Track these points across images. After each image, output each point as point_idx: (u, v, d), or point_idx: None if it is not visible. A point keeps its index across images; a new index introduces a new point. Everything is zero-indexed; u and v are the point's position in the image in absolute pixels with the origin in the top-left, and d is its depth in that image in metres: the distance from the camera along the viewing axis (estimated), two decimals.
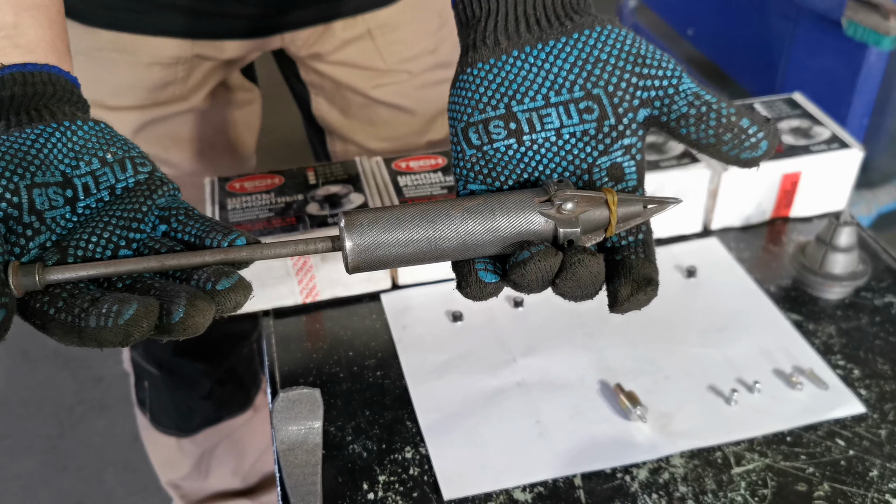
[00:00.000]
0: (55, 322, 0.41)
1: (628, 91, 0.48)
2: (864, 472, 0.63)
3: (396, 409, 0.70)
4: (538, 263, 0.44)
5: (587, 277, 0.45)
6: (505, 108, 0.49)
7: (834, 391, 0.70)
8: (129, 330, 0.40)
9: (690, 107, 0.47)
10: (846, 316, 0.77)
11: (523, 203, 0.47)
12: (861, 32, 1.66)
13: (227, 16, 0.82)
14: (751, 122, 0.47)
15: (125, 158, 0.48)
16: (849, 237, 0.78)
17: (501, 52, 0.49)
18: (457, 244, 0.46)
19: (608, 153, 0.49)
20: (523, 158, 0.49)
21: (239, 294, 0.43)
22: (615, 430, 0.67)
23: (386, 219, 0.46)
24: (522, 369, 0.73)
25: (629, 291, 0.47)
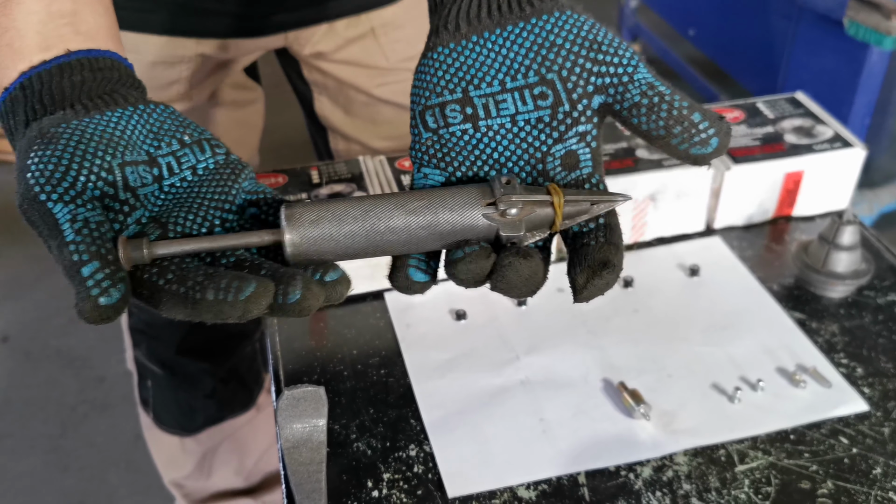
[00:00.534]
0: (165, 293, 0.42)
1: (582, 76, 0.48)
2: (867, 469, 0.63)
3: (400, 408, 0.70)
4: (469, 265, 0.45)
5: (517, 280, 0.45)
6: (462, 93, 0.49)
7: (837, 389, 0.70)
8: (248, 306, 0.41)
9: (643, 96, 0.47)
10: (849, 314, 0.77)
11: (468, 205, 0.46)
12: (863, 32, 1.66)
13: (231, 15, 0.83)
14: (702, 118, 0.47)
15: (202, 140, 0.49)
16: (852, 236, 0.79)
17: (461, 38, 0.49)
18: (398, 243, 0.47)
19: (562, 140, 0.49)
20: (478, 144, 0.49)
21: (344, 286, 0.45)
22: (619, 428, 0.67)
23: (328, 215, 0.46)
24: (526, 367, 0.73)
25: (585, 279, 0.46)
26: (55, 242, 0.42)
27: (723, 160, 0.84)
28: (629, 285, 0.81)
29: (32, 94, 0.47)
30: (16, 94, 0.47)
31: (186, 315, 0.42)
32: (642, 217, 0.84)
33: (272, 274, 0.43)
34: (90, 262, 0.41)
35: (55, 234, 0.42)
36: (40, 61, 0.47)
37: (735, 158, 0.84)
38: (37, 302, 1.96)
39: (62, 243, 0.41)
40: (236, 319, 0.42)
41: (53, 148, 0.44)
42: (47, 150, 0.44)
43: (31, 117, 0.46)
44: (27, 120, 0.46)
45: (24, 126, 0.46)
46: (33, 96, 0.47)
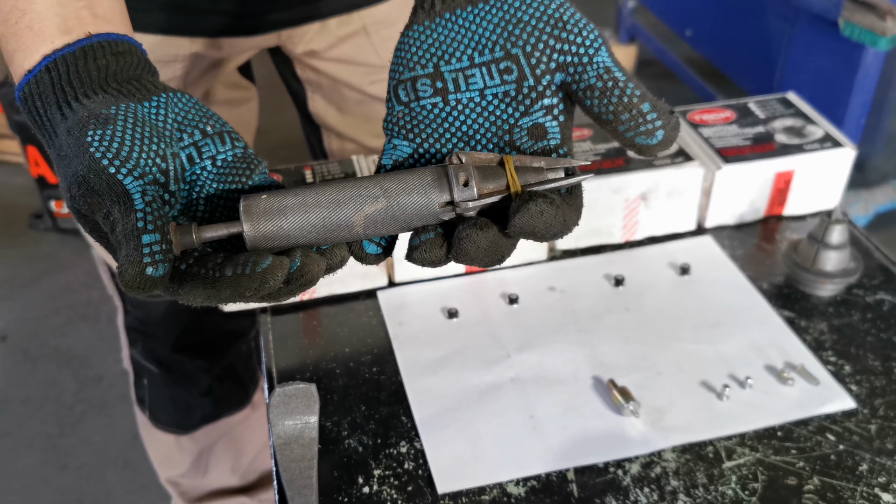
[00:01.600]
0: (186, 275, 0.44)
1: (545, 52, 0.49)
2: (853, 466, 0.64)
3: (392, 405, 0.70)
4: (424, 254, 0.47)
5: (475, 252, 0.46)
6: (433, 68, 0.51)
7: (825, 386, 0.70)
8: (265, 276, 0.43)
9: (598, 79, 0.48)
10: (838, 313, 0.78)
11: (425, 204, 0.47)
12: (858, 33, 1.66)
13: (224, 13, 0.83)
14: (651, 108, 0.47)
15: (223, 132, 0.50)
16: (840, 235, 0.79)
17: (435, 15, 0.51)
18: (355, 232, 0.48)
19: (529, 114, 0.50)
20: (448, 117, 0.51)
21: (343, 250, 0.48)
22: (608, 425, 0.68)
23: (286, 204, 0.47)
24: (517, 365, 0.74)
25: (517, 204, 0.45)
26: (121, 208, 0.43)
27: (714, 159, 0.85)
28: (620, 284, 0.81)
29: (59, 76, 0.47)
30: (41, 76, 0.47)
31: (206, 297, 0.44)
32: (634, 216, 0.85)
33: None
34: (153, 232, 0.42)
35: (124, 200, 0.43)
36: (63, 44, 0.48)
37: (726, 158, 0.85)
38: (35, 301, 1.97)
39: (130, 209, 0.43)
40: (254, 293, 0.43)
41: (113, 129, 0.45)
42: (107, 130, 0.45)
43: (62, 99, 0.47)
44: (58, 102, 0.47)
45: (56, 108, 0.47)
46: (60, 79, 0.47)
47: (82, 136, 0.45)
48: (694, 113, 0.93)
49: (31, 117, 0.48)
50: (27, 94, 0.48)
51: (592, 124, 0.91)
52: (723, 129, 0.90)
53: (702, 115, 0.92)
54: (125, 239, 0.42)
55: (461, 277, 0.83)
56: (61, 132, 0.46)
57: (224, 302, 0.45)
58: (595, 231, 0.85)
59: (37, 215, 2.17)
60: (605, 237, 0.86)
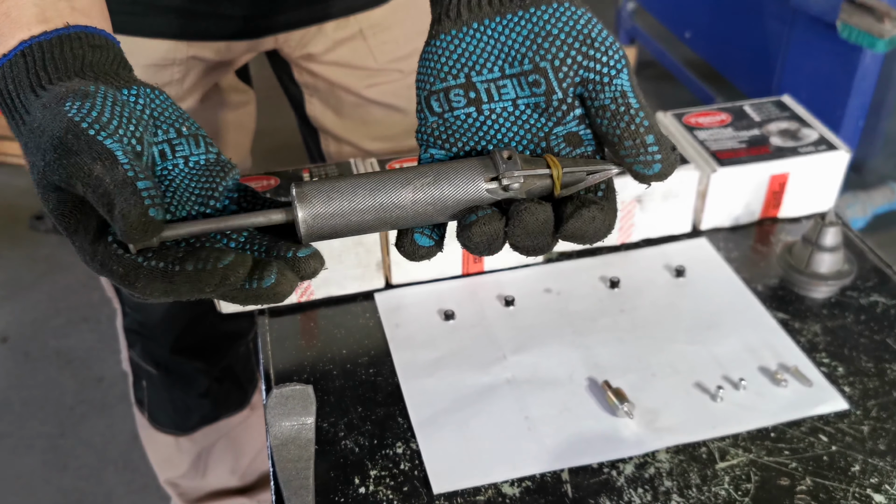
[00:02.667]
0: (142, 270, 0.43)
1: (572, 68, 0.49)
2: (846, 467, 0.64)
3: (388, 406, 0.71)
4: (482, 227, 0.46)
5: (534, 225, 0.46)
6: (465, 78, 0.51)
7: (818, 388, 0.71)
8: (227, 272, 0.42)
9: (613, 101, 0.49)
10: (832, 314, 0.78)
11: (472, 179, 0.48)
12: (856, 35, 1.67)
13: (221, 17, 0.84)
14: (655, 141, 0.48)
15: (198, 135, 0.50)
16: (834, 237, 0.80)
17: (462, 24, 0.51)
18: (405, 217, 0.48)
19: (563, 124, 0.51)
20: (482, 126, 0.51)
21: (317, 261, 0.47)
22: (602, 426, 0.69)
23: (338, 191, 0.47)
24: (513, 366, 0.74)
25: (573, 208, 0.47)
26: (104, 163, 0.42)
27: (709, 162, 0.86)
28: (616, 286, 0.82)
29: (34, 61, 0.47)
30: (16, 60, 0.48)
31: (162, 291, 0.43)
32: (629, 219, 0.86)
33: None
34: (146, 179, 0.42)
35: (105, 157, 0.42)
36: (41, 31, 0.48)
37: (721, 161, 0.86)
38: (36, 303, 1.97)
39: (114, 162, 0.42)
40: (214, 288, 0.43)
41: (92, 102, 0.45)
42: (86, 102, 0.45)
43: (36, 83, 0.47)
44: (32, 84, 0.47)
45: (29, 90, 0.47)
46: (35, 64, 0.47)
47: (60, 106, 0.45)
48: (689, 116, 0.93)
49: (4, 98, 0.48)
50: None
51: None
52: (718, 132, 0.90)
53: (697, 117, 0.93)
54: (119, 188, 0.41)
55: (458, 280, 0.83)
56: (34, 109, 0.46)
57: (182, 298, 0.44)
58: None
59: (37, 217, 2.18)
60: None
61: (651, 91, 2.61)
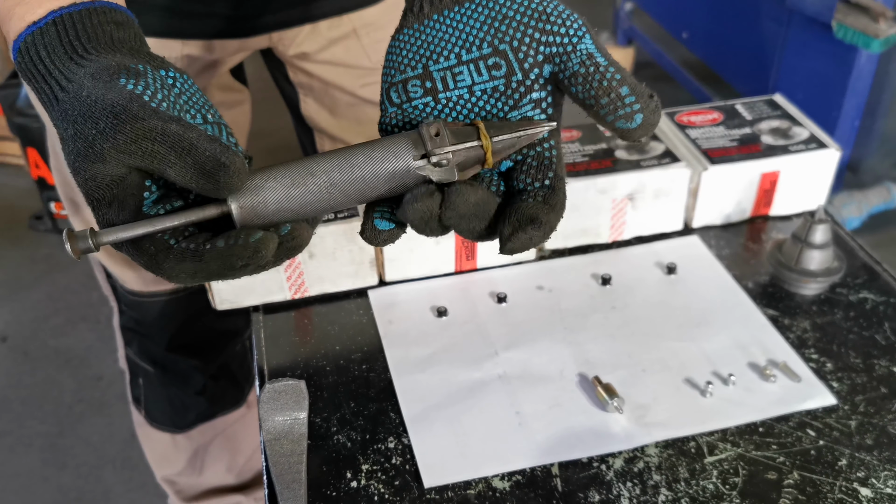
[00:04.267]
0: (172, 250, 0.45)
1: (532, 46, 0.50)
2: (832, 461, 0.65)
3: (381, 401, 0.72)
4: (415, 205, 0.47)
5: (465, 208, 0.47)
6: (422, 69, 0.52)
7: (806, 383, 0.72)
8: (258, 246, 0.44)
9: (581, 65, 0.49)
10: (821, 311, 0.79)
11: (400, 156, 0.49)
12: (851, 35, 1.68)
13: (216, 16, 0.84)
14: (630, 92, 0.48)
15: (220, 124, 0.50)
16: (823, 234, 0.80)
17: (424, 18, 0.53)
18: (339, 198, 0.49)
19: (518, 108, 0.51)
20: (439, 115, 0.52)
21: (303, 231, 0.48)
22: (592, 421, 0.69)
23: (269, 180, 0.48)
24: (504, 363, 0.75)
25: (510, 230, 0.48)
26: (178, 124, 0.44)
27: (700, 160, 0.86)
28: (607, 283, 0.83)
29: (66, 31, 0.48)
30: (47, 28, 0.48)
31: (190, 271, 0.44)
32: (621, 217, 0.86)
33: None
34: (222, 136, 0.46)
35: (177, 120, 0.44)
36: (70, 3, 0.48)
37: (712, 159, 0.86)
38: (35, 302, 1.98)
39: (189, 125, 0.45)
40: (244, 265, 0.44)
41: (145, 81, 0.46)
42: (140, 80, 0.46)
43: (72, 52, 0.47)
44: (68, 53, 0.47)
45: (67, 58, 0.47)
46: (68, 34, 0.47)
47: (113, 80, 0.45)
48: (682, 114, 0.94)
49: (31, 66, 0.48)
50: (29, 44, 0.48)
51: (581, 126, 0.92)
52: (710, 131, 0.91)
53: (689, 116, 0.93)
54: (207, 140, 0.44)
55: (451, 277, 0.84)
56: (79, 78, 0.46)
57: (210, 278, 0.45)
58: (583, 231, 0.86)
59: (37, 217, 2.19)
60: (592, 237, 0.87)
61: None
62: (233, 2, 0.84)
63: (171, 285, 1.01)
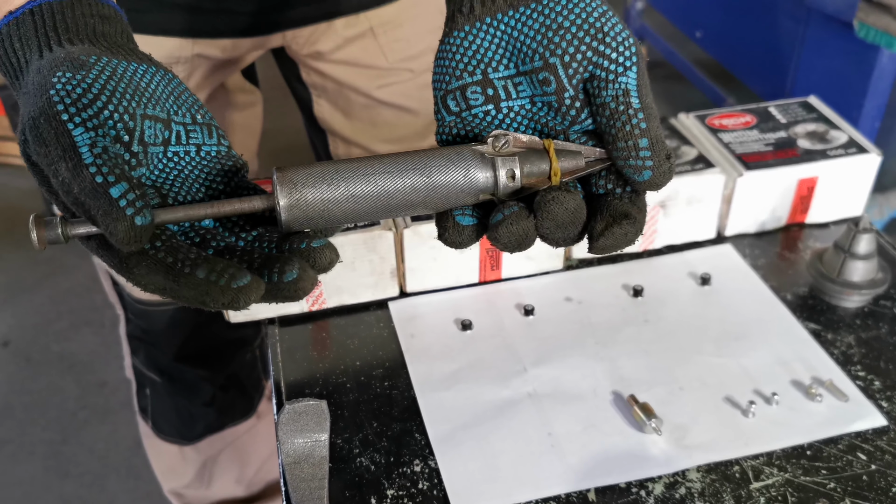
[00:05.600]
0: (145, 257, 0.41)
1: (581, 63, 0.47)
2: (886, 487, 0.61)
3: (405, 421, 0.68)
4: (509, 227, 0.45)
5: (565, 216, 0.45)
6: (482, 75, 0.49)
7: (854, 403, 0.68)
8: (238, 295, 0.40)
9: (614, 100, 0.46)
10: (865, 325, 0.75)
11: (460, 150, 0.47)
12: (873, 34, 1.64)
13: (228, 13, 0.81)
14: (648, 146, 0.46)
15: (211, 125, 0.48)
16: (868, 244, 0.76)
17: (475, 20, 0.49)
18: (393, 205, 0.46)
19: (578, 122, 0.49)
20: (500, 125, 0.49)
21: (332, 252, 0.44)
22: (629, 443, 0.65)
23: (321, 177, 0.45)
24: (533, 379, 0.71)
25: (603, 225, 0.46)
26: (68, 164, 0.40)
27: (735, 166, 0.82)
28: (639, 294, 0.79)
29: (43, 21, 0.45)
30: (23, 18, 0.46)
31: (160, 285, 0.41)
32: (652, 224, 0.82)
33: (265, 260, 0.43)
34: (117, 183, 0.40)
35: (70, 157, 0.40)
36: None
37: (747, 164, 0.82)
38: (38, 306, 1.95)
39: (79, 164, 0.40)
40: (215, 305, 0.40)
41: (84, 74, 0.43)
42: (77, 74, 0.43)
43: (45, 43, 0.45)
44: (40, 45, 0.45)
45: (36, 49, 0.45)
46: (45, 24, 0.45)
47: (50, 75, 0.43)
48: (713, 118, 0.90)
49: (5, 57, 0.46)
50: (4, 35, 0.46)
51: None
52: (743, 135, 0.87)
53: (721, 119, 0.90)
54: (92, 197, 0.39)
55: (474, 288, 0.80)
56: (31, 71, 0.44)
57: (178, 301, 0.42)
58: None
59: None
60: None
61: (661, 92, 2.58)
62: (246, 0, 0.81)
63: None
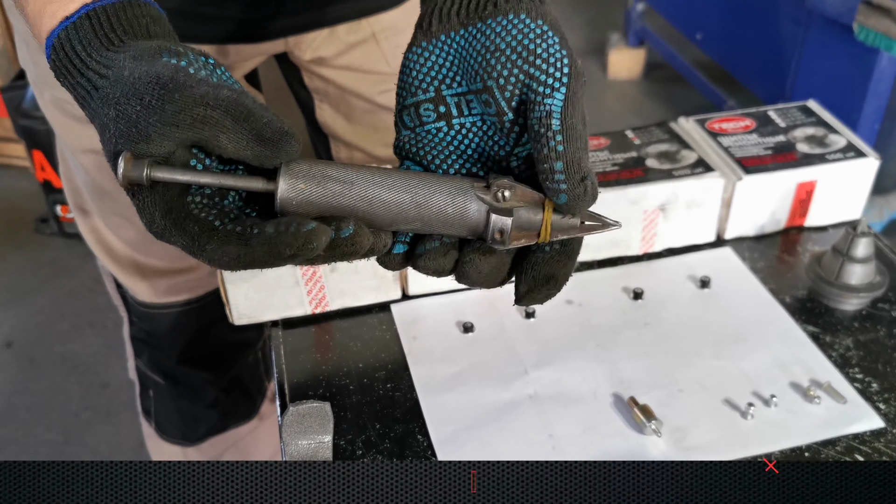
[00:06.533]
0: (217, 232, 0.43)
1: (516, 86, 0.47)
2: None
3: (407, 423, 0.69)
4: (427, 262, 0.48)
5: (476, 276, 0.48)
6: (434, 91, 0.50)
7: (852, 405, 0.68)
8: (310, 237, 0.42)
9: (537, 122, 0.46)
10: (863, 328, 0.76)
11: (462, 186, 0.48)
12: (872, 37, 1.64)
13: (231, 20, 0.81)
14: (562, 168, 0.45)
15: None
16: (866, 248, 0.77)
17: (432, 36, 0.50)
18: (386, 215, 0.47)
19: (521, 144, 0.49)
20: (452, 141, 0.50)
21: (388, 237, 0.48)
22: (629, 445, 0.66)
23: (324, 174, 0.46)
24: (534, 382, 0.72)
25: (526, 288, 0.48)
26: (229, 90, 0.43)
27: (734, 169, 0.83)
28: (639, 297, 0.80)
29: (100, 24, 0.47)
30: (80, 22, 0.47)
31: (234, 254, 0.42)
32: (652, 228, 0.83)
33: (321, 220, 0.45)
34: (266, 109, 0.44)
35: (227, 87, 0.44)
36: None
37: (747, 168, 0.83)
38: (41, 307, 1.95)
39: (240, 91, 0.44)
40: (292, 254, 0.42)
41: (187, 60, 0.45)
42: (182, 59, 0.45)
43: (108, 43, 0.46)
44: (104, 45, 0.46)
45: (103, 49, 0.46)
46: (102, 26, 0.47)
47: (156, 57, 0.44)
48: (713, 121, 0.91)
49: (66, 62, 0.47)
50: (63, 40, 0.47)
51: (609, 133, 0.89)
52: (742, 138, 0.88)
53: (721, 123, 0.90)
54: (260, 108, 0.43)
55: (476, 290, 0.81)
56: (120, 61, 0.45)
57: (253, 265, 0.43)
58: (613, 243, 0.83)
59: (42, 220, 2.16)
60: (622, 249, 0.84)
61: (661, 94, 2.58)
62: (246, 5, 0.81)
63: (184, 297, 0.99)
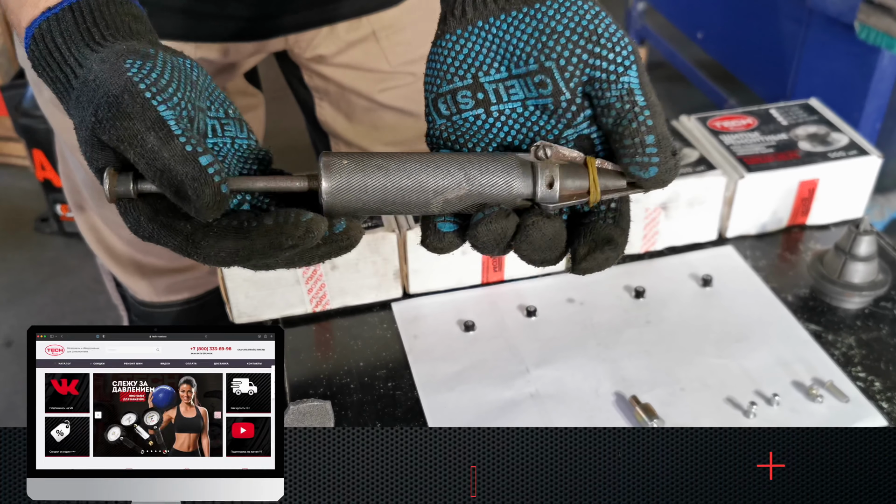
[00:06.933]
0: (215, 229, 0.43)
1: (578, 67, 0.48)
2: None
3: (408, 421, 0.68)
4: (490, 226, 0.46)
5: (541, 241, 0.46)
6: (472, 79, 0.50)
7: (855, 404, 0.68)
8: (311, 226, 0.43)
9: (619, 100, 0.47)
10: (866, 326, 0.76)
11: (501, 156, 0.48)
12: (874, 36, 1.64)
13: (230, 17, 0.81)
14: (655, 142, 0.46)
15: (241, 120, 0.50)
16: (869, 246, 0.77)
17: (467, 24, 0.49)
18: (431, 200, 0.47)
19: (573, 126, 0.49)
20: (491, 129, 0.50)
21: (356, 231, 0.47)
22: None
23: (365, 166, 0.46)
24: (536, 380, 0.72)
25: (586, 250, 0.47)
26: (157, 134, 0.42)
27: (736, 168, 0.83)
28: (641, 296, 0.79)
29: (83, 17, 0.47)
30: (63, 14, 0.47)
31: (232, 249, 0.43)
32: (654, 226, 0.83)
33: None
34: (204, 154, 0.42)
35: (158, 128, 0.42)
36: None
37: (749, 166, 0.83)
38: (41, 307, 1.95)
39: (169, 135, 0.42)
40: (293, 245, 0.42)
41: (152, 64, 0.45)
42: (146, 63, 0.45)
43: (89, 39, 0.46)
44: (85, 40, 0.46)
45: (83, 44, 0.46)
46: (85, 20, 0.47)
47: (119, 62, 0.44)
48: (714, 119, 0.91)
49: (46, 54, 0.47)
50: (44, 31, 0.47)
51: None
52: (744, 137, 0.87)
53: (722, 121, 0.90)
54: (182, 164, 0.41)
55: (477, 289, 0.81)
56: (90, 62, 0.45)
57: (251, 258, 0.43)
58: None
59: (42, 219, 2.16)
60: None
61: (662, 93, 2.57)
62: (247, 3, 0.81)
63: (184, 296, 0.98)
